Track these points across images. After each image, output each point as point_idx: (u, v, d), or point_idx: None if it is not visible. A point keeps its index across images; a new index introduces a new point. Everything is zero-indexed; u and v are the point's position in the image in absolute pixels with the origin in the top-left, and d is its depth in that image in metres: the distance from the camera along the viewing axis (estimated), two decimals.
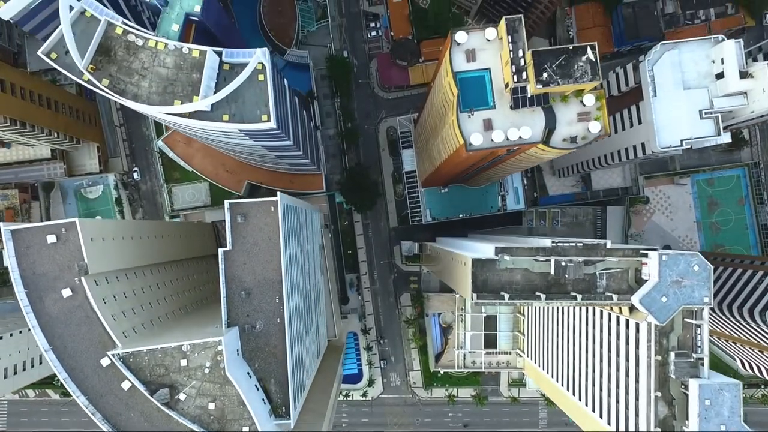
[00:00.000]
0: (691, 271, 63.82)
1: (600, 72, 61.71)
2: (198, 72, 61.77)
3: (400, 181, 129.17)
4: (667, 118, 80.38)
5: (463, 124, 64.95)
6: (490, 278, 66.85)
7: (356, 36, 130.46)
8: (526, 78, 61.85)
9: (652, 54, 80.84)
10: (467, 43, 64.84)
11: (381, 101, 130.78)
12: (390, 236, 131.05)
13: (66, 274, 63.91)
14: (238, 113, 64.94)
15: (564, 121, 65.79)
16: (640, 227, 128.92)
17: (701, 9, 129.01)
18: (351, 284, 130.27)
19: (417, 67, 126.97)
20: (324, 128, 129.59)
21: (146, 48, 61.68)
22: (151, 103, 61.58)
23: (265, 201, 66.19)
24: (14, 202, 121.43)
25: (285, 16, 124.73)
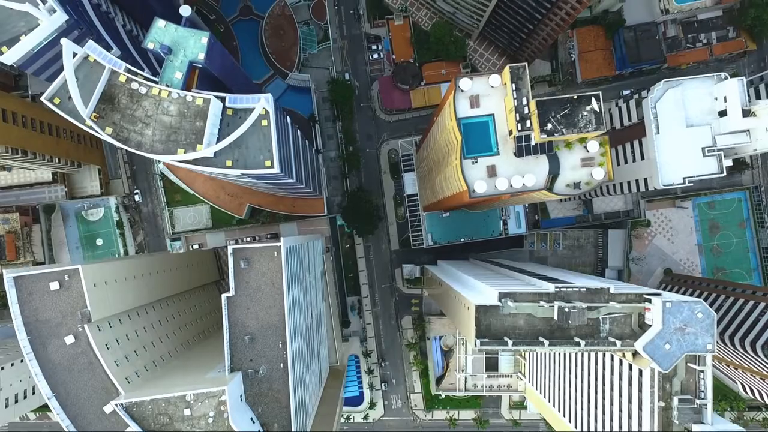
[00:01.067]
0: (695, 318, 63.79)
1: (604, 122, 61.56)
2: (201, 120, 61.64)
3: (401, 204, 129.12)
4: (670, 155, 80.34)
5: (467, 170, 64.89)
6: (493, 323, 66.75)
7: (358, 58, 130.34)
8: (530, 126, 61.79)
9: (655, 91, 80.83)
10: (471, 90, 64.73)
11: (382, 123, 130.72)
12: (391, 259, 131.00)
13: (69, 321, 63.82)
14: (242, 158, 64.82)
15: (568, 166, 65.75)
16: (641, 250, 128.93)
17: (703, 33, 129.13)
18: (352, 307, 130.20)
19: (419, 90, 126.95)
20: (325, 150, 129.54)
21: (150, 96, 61.54)
22: (155, 152, 61.41)
23: (268, 246, 66.05)
24: (15, 225, 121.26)
25: (286, 39, 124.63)
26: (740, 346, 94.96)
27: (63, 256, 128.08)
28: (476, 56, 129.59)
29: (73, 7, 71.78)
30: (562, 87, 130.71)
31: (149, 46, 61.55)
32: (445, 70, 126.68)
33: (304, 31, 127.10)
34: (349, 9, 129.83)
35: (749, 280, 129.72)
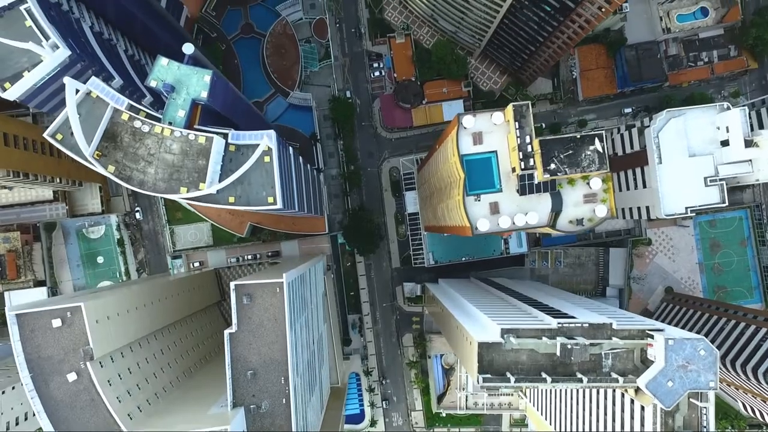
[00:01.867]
0: (698, 356, 63.82)
1: (608, 161, 61.49)
2: (204, 158, 61.56)
3: (402, 222, 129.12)
4: (672, 185, 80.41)
5: (470, 207, 64.84)
6: (495, 359, 66.76)
7: (359, 76, 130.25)
8: (533, 165, 61.74)
9: (658, 121, 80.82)
10: (474, 127, 64.66)
11: (384, 141, 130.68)
12: (392, 276, 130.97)
13: (71, 357, 63.77)
14: (244, 195, 64.75)
15: (570, 202, 65.71)
16: (642, 269, 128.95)
17: (704, 51, 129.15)
18: (353, 325, 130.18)
19: (420, 109, 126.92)
20: (327, 168, 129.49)
21: (152, 134, 61.46)
22: (157, 190, 61.37)
23: (271, 283, 66.00)
24: (16, 244, 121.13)
25: (288, 58, 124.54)
26: (741, 371, 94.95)
27: (64, 273, 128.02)
28: (477, 74, 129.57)
29: (75, 40, 71.66)
30: (563, 105, 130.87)
31: (152, 84, 61.49)
32: (447, 88, 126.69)
33: (306, 49, 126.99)
34: (350, 27, 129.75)
35: (750, 299, 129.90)
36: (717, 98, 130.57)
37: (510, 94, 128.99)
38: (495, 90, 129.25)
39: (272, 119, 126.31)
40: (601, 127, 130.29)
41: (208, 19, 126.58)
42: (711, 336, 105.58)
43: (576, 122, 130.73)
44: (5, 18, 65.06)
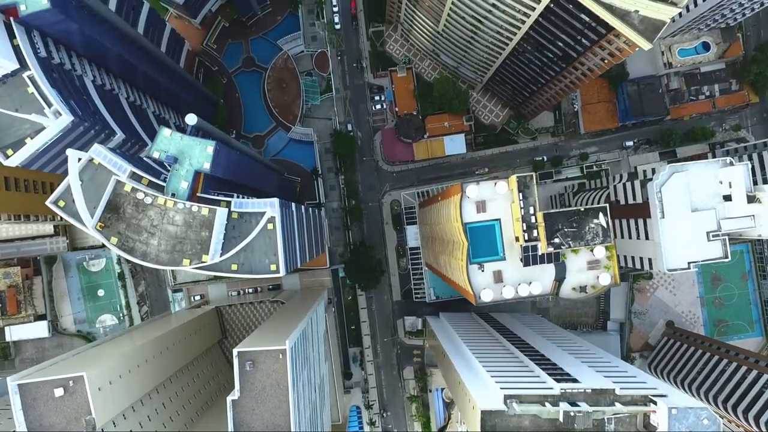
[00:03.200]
0: (701, 425, 63.78)
1: (612, 235, 61.44)
2: (207, 230, 61.42)
3: (403, 256, 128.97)
4: (675, 240, 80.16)
5: (473, 275, 64.77)
6: (498, 424, 66.65)
7: (360, 108, 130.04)
8: (537, 236, 61.65)
9: (660, 176, 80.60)
10: (477, 196, 64.54)
11: (385, 174, 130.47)
12: (393, 310, 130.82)
13: (74, 426, 63.57)
14: (247, 263, 64.63)
15: (574, 269, 65.65)
16: (643, 303, 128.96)
17: (706, 85, 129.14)
18: (354, 358, 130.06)
19: (422, 143, 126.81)
20: (328, 200, 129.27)
21: (155, 205, 61.30)
22: (160, 262, 61.26)
23: (274, 350, 65.84)
24: (16, 279, 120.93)
25: (289, 93, 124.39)
26: (743, 417, 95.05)
27: (64, 307, 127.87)
28: (479, 107, 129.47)
29: (77, 99, 71.48)
30: (565, 138, 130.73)
31: (154, 155, 61.31)
32: (449, 122, 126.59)
33: (307, 82, 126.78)
34: (351, 59, 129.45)
35: (751, 333, 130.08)
36: (718, 131, 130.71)
37: (511, 128, 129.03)
38: (496, 123, 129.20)
39: (273, 153, 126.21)
40: (602, 160, 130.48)
41: (210, 53, 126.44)
42: (712, 378, 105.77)
43: (577, 155, 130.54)
44: (8, 84, 64.91)
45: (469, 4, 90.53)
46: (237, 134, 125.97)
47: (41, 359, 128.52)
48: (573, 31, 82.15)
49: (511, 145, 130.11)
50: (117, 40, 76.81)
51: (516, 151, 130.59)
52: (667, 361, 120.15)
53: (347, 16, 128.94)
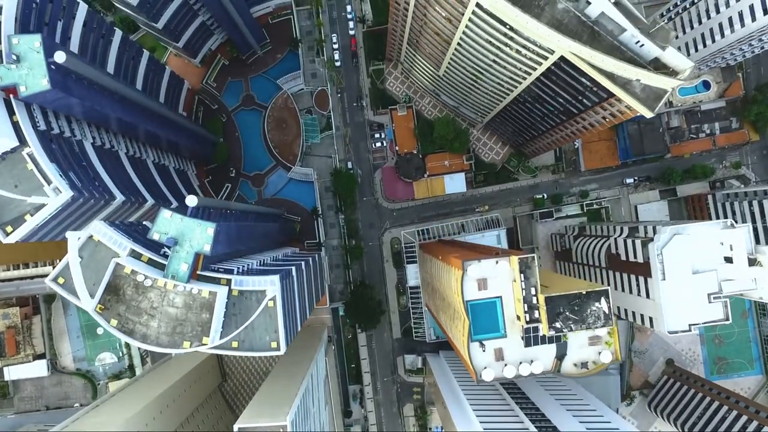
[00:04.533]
0: None
1: (613, 318, 61.30)
2: (207, 312, 61.19)
3: (403, 294, 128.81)
4: (675, 301, 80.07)
5: (474, 353, 64.64)
6: None
7: (361, 146, 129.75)
8: (538, 317, 61.50)
9: (661, 238, 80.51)
10: (479, 274, 64.35)
11: (385, 212, 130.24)
12: (393, 347, 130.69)
13: None
14: (248, 340, 64.43)
15: (575, 345, 65.50)
16: (643, 342, 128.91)
17: (706, 123, 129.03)
18: (354, 396, 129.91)
19: (422, 182, 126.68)
20: (328, 238, 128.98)
21: (155, 287, 61.06)
22: (160, 344, 61.03)
23: (274, 426, 65.70)
24: (15, 320, 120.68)
25: (289, 132, 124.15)
26: None
27: (64, 345, 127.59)
28: (479, 144, 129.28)
29: (77, 168, 71.26)
30: (565, 175, 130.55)
31: (154, 237, 61.04)
32: (449, 161, 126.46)
33: (307, 120, 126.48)
34: (352, 96, 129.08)
35: (751, 370, 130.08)
36: (718, 168, 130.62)
37: (512, 166, 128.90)
38: (497, 161, 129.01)
39: (273, 192, 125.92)
40: (602, 198, 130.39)
41: (209, 91, 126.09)
42: (712, 425, 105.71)
43: (578, 192, 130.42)
44: (7, 161, 64.62)
45: (470, 57, 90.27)
46: (237, 173, 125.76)
47: (40, 397, 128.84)
48: (575, 91, 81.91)
49: (511, 182, 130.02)
50: (116, 104, 76.50)
51: (516, 188, 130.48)
52: (668, 401, 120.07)
53: (347, 53, 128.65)
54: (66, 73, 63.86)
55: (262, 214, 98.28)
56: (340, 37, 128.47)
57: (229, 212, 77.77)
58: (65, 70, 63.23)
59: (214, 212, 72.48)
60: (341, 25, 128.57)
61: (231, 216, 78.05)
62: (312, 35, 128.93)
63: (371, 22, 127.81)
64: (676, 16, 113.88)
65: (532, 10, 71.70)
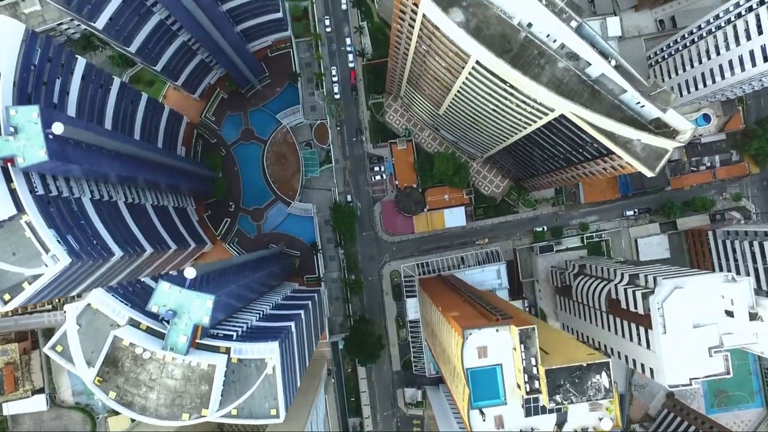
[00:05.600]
0: None
1: (615, 390, 61.06)
2: (207, 384, 60.92)
3: (403, 326, 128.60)
4: (676, 355, 79.82)
5: (474, 420, 64.40)
6: None
7: (360, 178, 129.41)
8: (539, 387, 61.26)
9: (662, 292, 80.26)
10: (479, 341, 64.13)
11: (385, 244, 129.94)
12: (393, 380, 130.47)
13: None
14: (247, 408, 64.20)
15: (575, 412, 65.22)
16: (644, 376, 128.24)
17: (706, 156, 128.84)
18: (354, 430, 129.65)
19: (421, 216, 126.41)
20: (327, 271, 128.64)
21: (154, 359, 60.77)
22: (159, 416, 60.73)
23: None
24: (14, 356, 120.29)
25: (288, 167, 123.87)
26: None
27: (63, 380, 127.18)
28: (479, 177, 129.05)
29: (75, 227, 70.94)
30: (565, 208, 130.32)
31: (153, 310, 60.75)
32: (449, 195, 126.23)
33: (306, 154, 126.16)
34: (351, 129, 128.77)
35: (752, 403, 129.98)
36: (719, 200, 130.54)
37: (512, 199, 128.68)
38: (497, 195, 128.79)
39: (272, 227, 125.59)
40: (602, 230, 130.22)
41: (208, 125, 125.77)
42: None
43: (578, 224, 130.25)
44: (5, 228, 64.11)
45: (470, 103, 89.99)
46: (236, 207, 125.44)
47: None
48: (575, 144, 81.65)
49: (511, 215, 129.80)
50: (115, 161, 76.21)
51: (516, 220, 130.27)
52: None
53: (347, 86, 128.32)
54: (64, 142, 63.51)
55: (262, 260, 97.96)
56: (339, 69, 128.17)
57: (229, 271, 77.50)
58: (63, 138, 62.88)
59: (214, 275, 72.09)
60: (341, 58, 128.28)
61: (231, 272, 77.77)
62: (311, 67, 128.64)
63: (371, 55, 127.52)
64: (676, 53, 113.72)
65: (532, 69, 71.51)
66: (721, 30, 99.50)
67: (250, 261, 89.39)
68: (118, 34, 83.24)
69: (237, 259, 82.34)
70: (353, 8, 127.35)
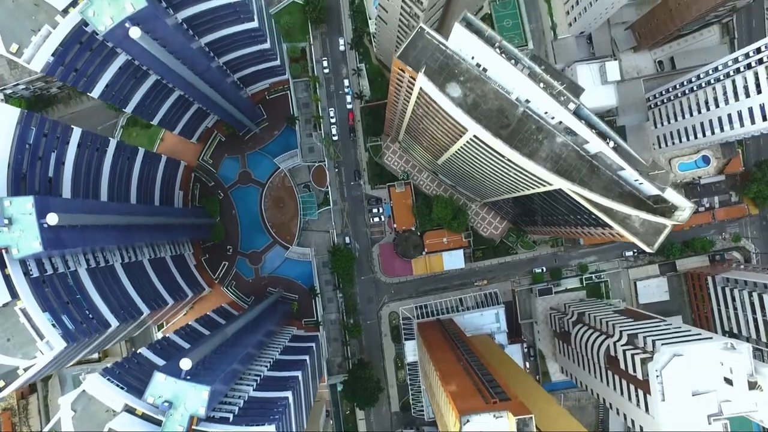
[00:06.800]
0: None
1: None
2: None
3: (402, 367, 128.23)
4: (675, 422, 79.47)
5: None
6: None
7: (358, 219, 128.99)
8: None
9: (661, 360, 79.84)
10: (476, 427, 63.71)
11: (383, 286, 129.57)
12: (392, 421, 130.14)
13: None
14: None
15: None
16: None
17: (705, 197, 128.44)
18: None
19: (420, 259, 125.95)
20: (326, 312, 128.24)
21: None
22: None
23: None
24: (11, 402, 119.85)
25: (286, 212, 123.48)
26: None
27: None
28: (478, 219, 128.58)
29: (71, 302, 70.56)
30: (564, 249, 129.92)
31: (149, 401, 60.36)
32: (447, 238, 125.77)
33: (304, 197, 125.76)
34: (349, 170, 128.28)
35: None
36: (718, 240, 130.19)
37: (511, 242, 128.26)
38: (495, 236, 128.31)
39: (270, 270, 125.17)
40: (602, 271, 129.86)
41: (206, 167, 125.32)
42: None
43: (577, 265, 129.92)
44: (0, 314, 63.79)
45: (468, 163, 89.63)
46: (234, 250, 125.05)
47: None
48: (575, 212, 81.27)
49: (510, 255, 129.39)
50: (111, 234, 75.78)
51: (515, 261, 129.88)
52: None
53: (345, 127, 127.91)
54: (59, 229, 63.06)
55: (260, 318, 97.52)
56: (337, 111, 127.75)
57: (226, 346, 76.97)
58: (58, 226, 62.44)
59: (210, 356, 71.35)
60: (339, 100, 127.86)
61: (228, 345, 77.33)
62: (309, 108, 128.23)
63: (369, 97, 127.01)
64: (675, 99, 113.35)
65: (531, 144, 71.13)
66: (720, 83, 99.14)
67: (248, 324, 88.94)
68: (114, 98, 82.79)
69: (234, 325, 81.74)
70: (351, 50, 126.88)
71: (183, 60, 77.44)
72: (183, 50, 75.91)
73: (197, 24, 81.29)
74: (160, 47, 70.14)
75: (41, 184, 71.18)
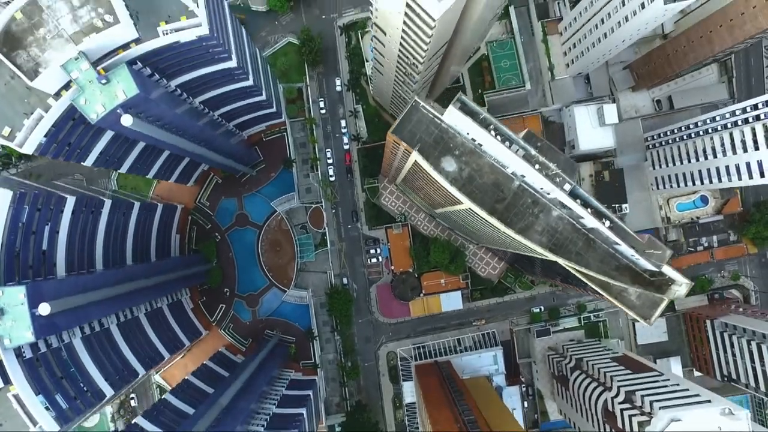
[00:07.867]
0: None
1: None
2: None
3: (400, 407, 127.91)
4: None
5: None
6: None
7: (356, 260, 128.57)
8: None
9: (658, 425, 79.54)
10: None
11: (381, 326, 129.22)
12: None
13: None
14: None
15: None
16: None
17: (704, 236, 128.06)
18: None
19: (418, 300, 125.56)
20: (324, 353, 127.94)
21: None
22: None
23: None
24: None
25: (283, 255, 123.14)
26: None
27: None
28: (475, 260, 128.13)
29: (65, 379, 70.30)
30: (561, 288, 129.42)
31: None
32: (445, 280, 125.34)
33: (302, 239, 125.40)
34: (346, 211, 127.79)
35: None
36: (717, 278, 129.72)
37: (509, 282, 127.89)
38: (493, 277, 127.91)
39: (268, 312, 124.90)
40: (600, 310, 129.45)
41: (203, 210, 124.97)
42: None
43: (575, 304, 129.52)
44: None
45: (467, 221, 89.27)
46: (231, 293, 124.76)
47: None
48: (573, 279, 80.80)
49: (508, 295, 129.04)
50: (106, 306, 75.49)
51: (513, 301, 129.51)
52: None
53: (342, 167, 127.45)
54: (52, 315, 62.69)
55: (257, 374, 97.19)
56: (334, 151, 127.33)
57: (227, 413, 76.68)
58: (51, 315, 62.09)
59: None
60: (335, 140, 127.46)
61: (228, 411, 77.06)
62: (306, 148, 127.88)
63: (366, 139, 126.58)
64: (673, 143, 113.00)
65: (527, 218, 70.79)
66: (717, 134, 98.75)
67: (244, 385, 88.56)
68: (107, 163, 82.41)
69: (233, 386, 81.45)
70: (348, 91, 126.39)
71: (175, 129, 77.06)
72: (175, 120, 75.53)
73: (192, 87, 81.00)
74: (151, 126, 69.78)
75: (35, 258, 70.83)
